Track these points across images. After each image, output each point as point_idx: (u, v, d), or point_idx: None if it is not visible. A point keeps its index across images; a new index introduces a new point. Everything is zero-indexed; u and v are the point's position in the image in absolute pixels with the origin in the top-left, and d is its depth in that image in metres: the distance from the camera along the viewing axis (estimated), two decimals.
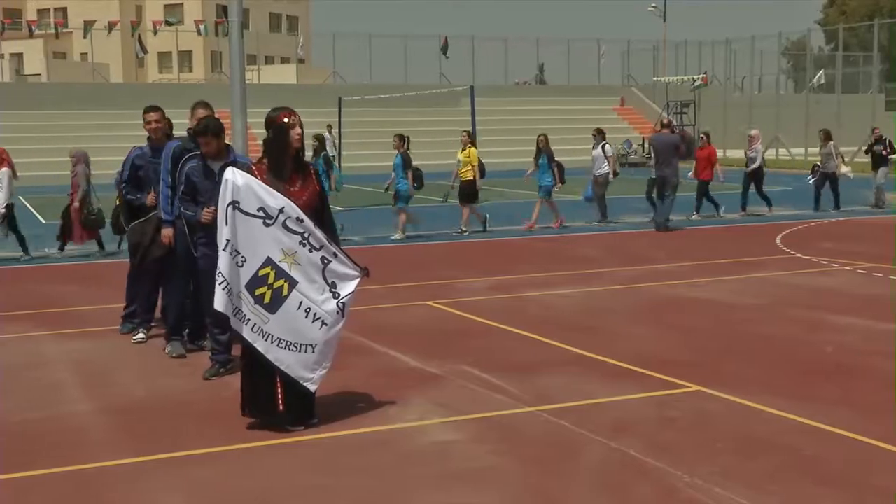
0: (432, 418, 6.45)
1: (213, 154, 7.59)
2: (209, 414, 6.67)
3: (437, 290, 11.48)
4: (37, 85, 49.50)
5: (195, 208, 7.53)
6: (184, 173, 7.66)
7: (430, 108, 42.39)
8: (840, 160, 21.19)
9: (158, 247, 8.46)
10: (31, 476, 5.50)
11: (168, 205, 8.21)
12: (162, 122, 8.80)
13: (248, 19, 55.01)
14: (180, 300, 8.37)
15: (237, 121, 11.96)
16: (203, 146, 7.64)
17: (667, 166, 18.02)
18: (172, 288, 8.46)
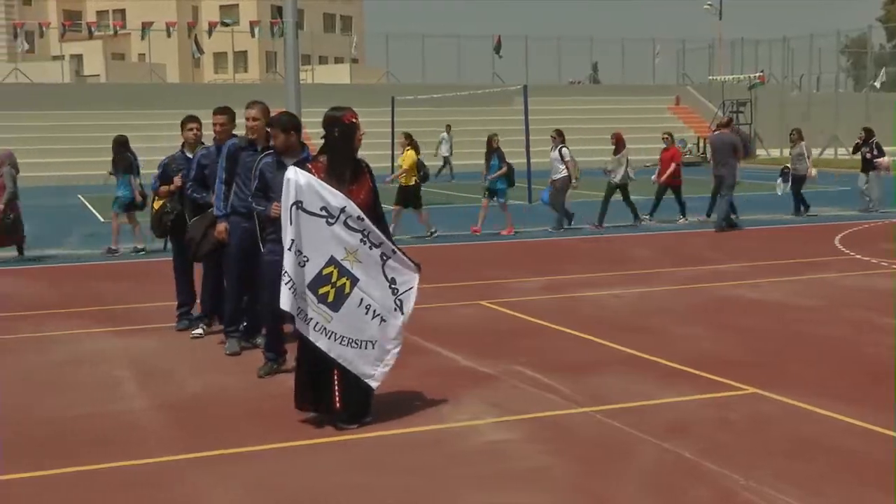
0: (485, 418, 6.44)
1: (280, 148, 7.61)
2: (262, 411, 6.72)
3: (488, 290, 11.47)
4: (96, 85, 50.33)
5: (266, 204, 7.56)
6: (257, 170, 7.72)
7: (483, 107, 42.36)
8: (811, 162, 20.15)
9: (208, 241, 8.54)
10: (89, 470, 5.59)
11: (222, 200, 8.28)
12: (228, 124, 8.82)
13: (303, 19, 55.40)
14: (238, 298, 8.41)
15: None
16: (273, 139, 7.69)
17: (723, 166, 17.85)
18: (229, 285, 8.53)
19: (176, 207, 9.26)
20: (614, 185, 18.19)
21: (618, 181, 18.17)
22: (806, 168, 19.95)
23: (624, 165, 18.18)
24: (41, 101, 40.13)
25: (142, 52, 56.86)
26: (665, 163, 19.05)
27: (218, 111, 8.87)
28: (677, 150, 19.31)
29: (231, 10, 66.34)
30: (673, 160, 18.94)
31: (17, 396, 7.21)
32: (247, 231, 8.02)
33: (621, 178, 18.15)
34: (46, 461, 5.72)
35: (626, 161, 18.21)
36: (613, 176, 18.24)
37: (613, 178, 18.22)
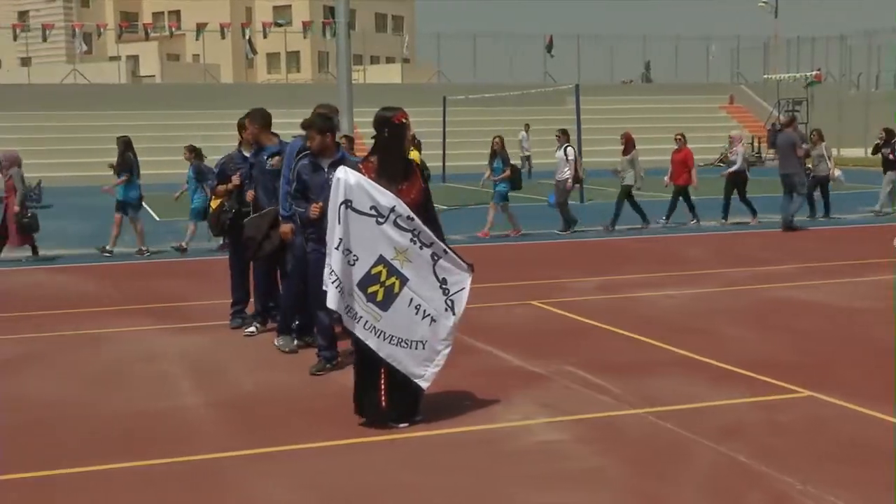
0: (536, 418, 6.42)
1: (316, 150, 7.67)
2: (314, 409, 6.77)
3: (540, 290, 11.44)
4: (151, 86, 51.03)
5: (305, 205, 7.65)
6: (295, 171, 7.79)
7: (535, 107, 42.22)
8: (833, 163, 19.61)
9: (270, 242, 8.59)
10: (146, 465, 5.67)
11: (286, 201, 8.33)
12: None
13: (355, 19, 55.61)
14: (294, 296, 8.46)
15: (344, 120, 12.13)
16: (308, 140, 7.74)
17: (789, 165, 17.69)
18: (287, 284, 8.57)
19: (233, 206, 9.34)
20: (627, 187, 17.88)
21: (628, 182, 17.82)
22: (827, 169, 19.54)
23: (635, 166, 17.87)
24: (98, 102, 40.77)
25: (196, 53, 57.49)
26: (676, 164, 18.62)
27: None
28: (689, 151, 18.80)
29: (284, 11, 66.82)
30: (685, 162, 18.49)
31: (76, 392, 7.34)
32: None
33: (630, 179, 17.82)
34: (104, 456, 5.82)
35: (636, 162, 17.92)
36: (622, 177, 17.93)
37: (623, 179, 17.90)
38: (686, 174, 18.42)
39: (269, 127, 9.01)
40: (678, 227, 17.91)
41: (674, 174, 18.67)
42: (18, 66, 56.17)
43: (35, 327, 9.77)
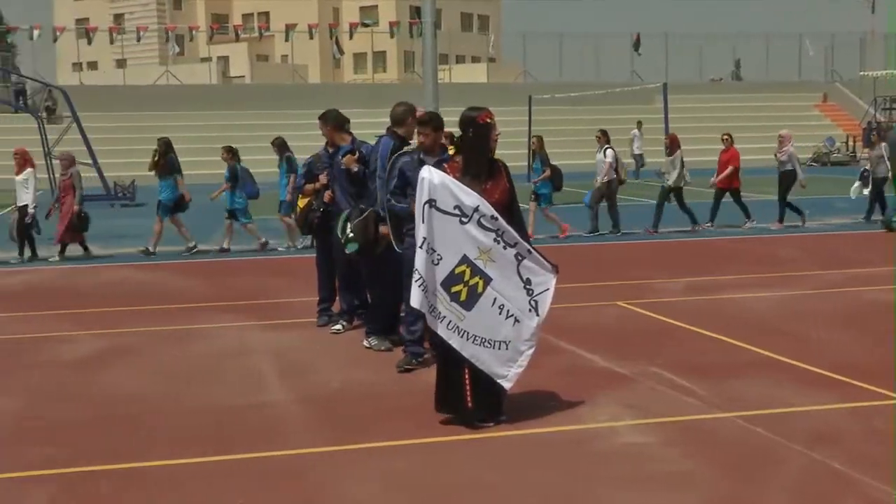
0: (623, 419, 6.36)
1: (428, 147, 7.70)
2: (401, 406, 6.80)
3: (627, 290, 11.32)
4: (241, 86, 51.92)
5: (406, 201, 7.66)
6: (396, 168, 7.82)
7: (621, 105, 41.86)
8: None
9: (379, 245, 8.50)
10: (234, 460, 5.77)
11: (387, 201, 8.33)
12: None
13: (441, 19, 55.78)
14: (389, 296, 8.45)
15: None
16: (421, 136, 7.76)
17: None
18: (383, 284, 8.54)
19: (321, 205, 9.42)
20: (668, 188, 17.42)
21: (672, 184, 17.37)
22: (886, 170, 18.58)
23: (678, 167, 17.39)
24: (190, 102, 41.67)
25: (284, 54, 58.34)
26: (723, 165, 18.07)
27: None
28: (737, 152, 18.20)
29: (371, 11, 67.39)
30: (731, 162, 17.92)
31: (165, 387, 7.50)
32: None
33: (675, 180, 17.36)
34: (195, 449, 5.94)
35: (680, 163, 17.44)
36: (667, 178, 17.51)
37: (667, 180, 17.48)
38: (734, 174, 17.89)
39: (342, 127, 9.08)
40: (766, 229, 17.55)
41: (720, 175, 18.11)
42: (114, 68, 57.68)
43: (125, 323, 10.02)
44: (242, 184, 15.62)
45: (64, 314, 10.53)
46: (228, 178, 15.67)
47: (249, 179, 15.81)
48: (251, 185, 15.80)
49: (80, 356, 8.56)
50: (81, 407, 6.94)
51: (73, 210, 14.80)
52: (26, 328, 9.83)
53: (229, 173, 15.68)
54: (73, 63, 57.31)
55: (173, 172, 15.39)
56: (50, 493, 5.27)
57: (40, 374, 7.94)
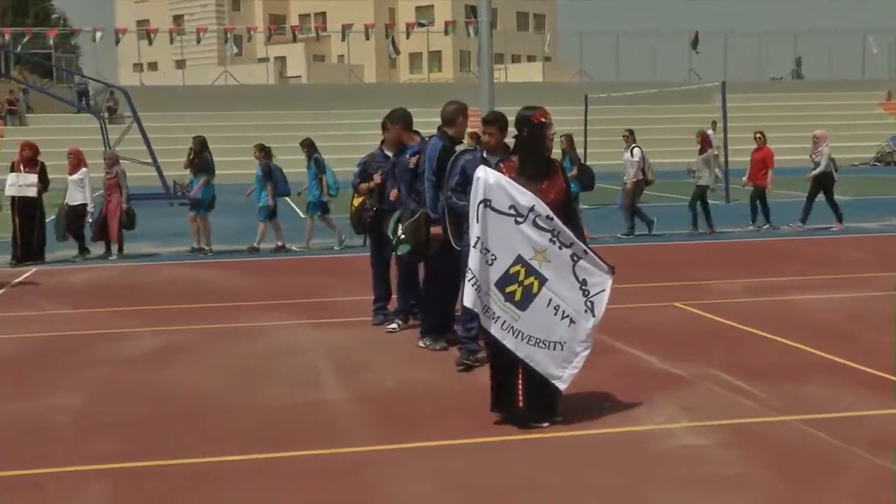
0: (679, 421, 6.29)
1: (492, 146, 7.69)
2: (456, 406, 6.79)
3: (685, 291, 11.20)
4: (298, 86, 52.35)
5: (466, 199, 7.64)
6: (458, 165, 7.81)
7: (679, 104, 41.48)
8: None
9: (431, 246, 8.48)
10: (290, 457, 5.81)
11: (435, 201, 8.31)
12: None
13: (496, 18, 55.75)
14: (443, 295, 8.42)
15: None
16: (486, 136, 7.75)
17: None
18: (437, 284, 8.52)
19: (374, 204, 9.45)
20: (703, 187, 17.12)
21: (704, 183, 17.05)
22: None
23: (710, 166, 17.10)
24: (247, 102, 42.09)
25: (341, 54, 58.71)
26: (756, 164, 17.69)
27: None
28: (770, 151, 17.75)
29: (426, 11, 67.55)
30: (764, 161, 17.53)
31: (222, 384, 7.57)
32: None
33: (707, 179, 17.05)
34: (250, 446, 5.98)
35: (711, 161, 17.14)
36: (699, 177, 17.16)
37: (699, 179, 17.13)
38: (765, 174, 17.51)
39: (411, 127, 9.06)
40: (826, 230, 17.25)
41: (752, 174, 17.77)
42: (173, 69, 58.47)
43: (181, 320, 10.13)
44: (274, 182, 15.63)
45: (122, 311, 10.68)
46: (262, 177, 15.71)
47: (282, 178, 15.83)
48: (283, 184, 15.82)
49: (139, 353, 8.67)
50: (139, 403, 7.03)
51: (122, 208, 15.01)
52: (87, 325, 9.99)
53: (262, 172, 15.73)
54: (134, 64, 58.21)
55: (206, 171, 15.51)
56: (107, 488, 5.34)
57: (100, 370, 8.06)
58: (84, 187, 14.93)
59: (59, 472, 5.59)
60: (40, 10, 66.41)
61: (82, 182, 14.94)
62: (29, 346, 9.04)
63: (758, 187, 17.68)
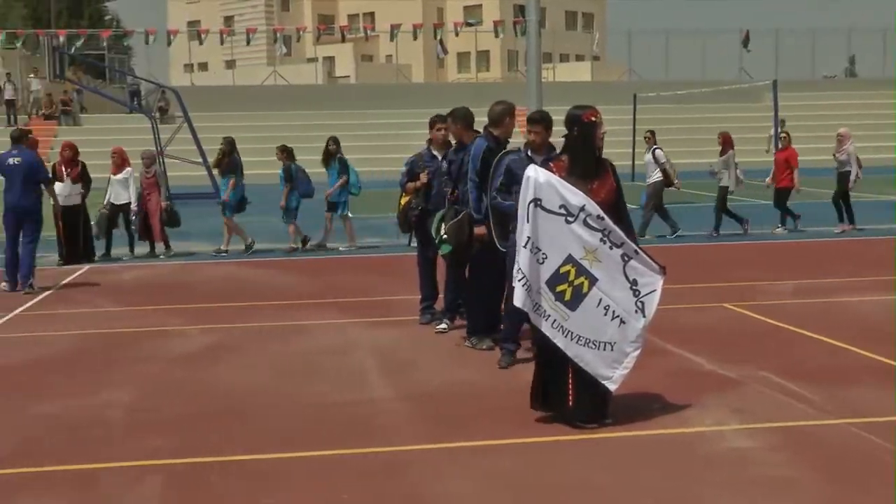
0: (729, 423, 6.23)
1: (538, 145, 7.68)
2: (502, 405, 6.78)
3: (735, 292, 11.09)
4: (346, 86, 52.60)
5: (511, 199, 7.64)
6: (502, 166, 7.80)
7: (729, 104, 41.06)
8: None
9: (473, 247, 8.47)
10: (337, 455, 5.84)
11: (478, 202, 8.29)
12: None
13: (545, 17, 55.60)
14: (489, 295, 8.40)
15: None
16: (532, 134, 7.72)
17: None
18: (482, 283, 8.49)
19: (420, 203, 9.46)
20: (724, 189, 16.82)
21: (724, 184, 16.73)
22: None
23: (731, 167, 16.74)
24: (296, 102, 42.36)
25: (389, 54, 58.91)
26: (780, 165, 17.28)
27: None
28: (794, 151, 17.32)
29: (474, 11, 67.53)
30: (789, 162, 17.10)
31: (270, 382, 7.62)
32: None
33: (727, 181, 16.71)
34: (298, 444, 6.03)
35: (733, 163, 16.79)
36: (720, 178, 16.86)
37: (720, 180, 16.84)
38: (789, 176, 17.11)
39: (471, 126, 9.02)
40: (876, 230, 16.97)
41: (777, 175, 17.38)
42: (223, 69, 59.08)
43: (230, 318, 10.22)
44: (296, 183, 15.62)
45: (172, 309, 10.81)
46: (284, 179, 15.70)
47: (304, 179, 15.79)
48: (305, 185, 15.76)
49: (188, 351, 8.77)
50: (189, 400, 7.11)
51: (162, 206, 15.18)
52: (138, 322, 10.12)
53: (284, 173, 15.71)
54: (185, 64, 58.88)
55: (235, 172, 15.58)
56: (159, 484, 5.40)
57: (150, 367, 8.16)
58: (129, 186, 15.08)
59: (112, 467, 5.67)
60: (94, 12, 67.42)
61: (127, 182, 15.10)
62: (81, 343, 9.18)
63: (780, 189, 17.29)
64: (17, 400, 7.19)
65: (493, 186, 7.91)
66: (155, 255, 15.32)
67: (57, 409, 6.92)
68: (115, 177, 15.19)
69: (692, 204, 20.91)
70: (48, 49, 33.03)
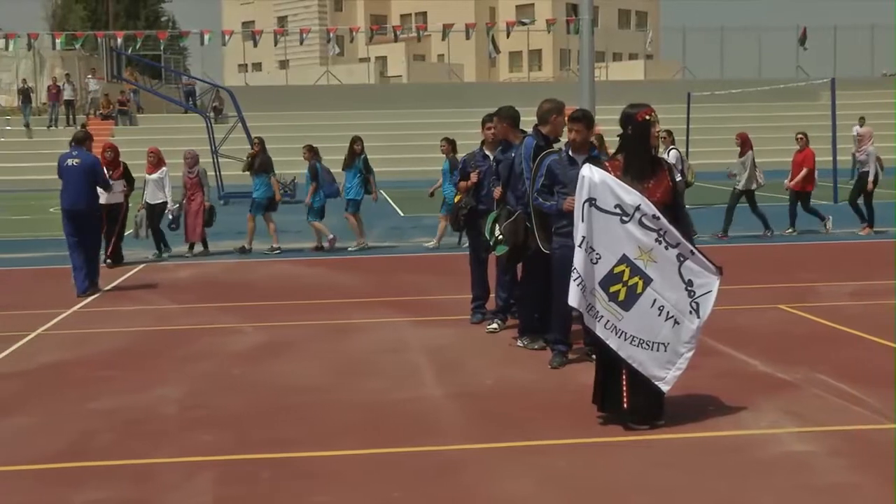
0: (784, 427, 6.15)
1: (579, 144, 7.64)
2: (554, 405, 6.76)
3: (790, 293, 10.93)
4: (398, 86, 52.71)
5: (553, 200, 7.61)
6: (543, 167, 7.78)
7: (786, 102, 40.50)
8: None
9: (528, 248, 8.43)
10: (390, 453, 5.86)
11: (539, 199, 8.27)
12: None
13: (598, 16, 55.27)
14: (541, 295, 8.34)
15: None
16: (573, 133, 7.69)
17: None
18: (535, 283, 8.45)
19: (470, 203, 9.44)
20: (739, 191, 16.43)
21: (742, 187, 16.35)
22: None
23: (749, 169, 16.34)
24: (348, 101, 42.56)
25: (441, 53, 58.93)
26: (797, 166, 16.81)
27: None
28: (812, 152, 16.86)
29: (527, 10, 67.31)
30: (805, 164, 16.64)
31: (324, 379, 7.67)
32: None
33: (745, 183, 16.33)
34: (352, 441, 6.05)
35: (751, 164, 16.37)
36: (738, 180, 16.48)
37: (738, 182, 16.46)
38: (807, 177, 16.70)
39: (517, 125, 9.00)
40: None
41: (794, 177, 16.89)
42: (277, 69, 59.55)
43: (283, 316, 10.30)
44: (321, 183, 15.60)
45: (227, 307, 10.91)
46: (310, 178, 15.68)
47: (329, 178, 15.76)
48: (330, 185, 15.73)
49: (241, 348, 8.85)
50: (242, 397, 7.17)
51: (206, 206, 15.29)
52: (193, 319, 10.24)
53: (309, 172, 15.71)
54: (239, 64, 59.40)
55: (267, 172, 15.66)
56: (212, 479, 5.46)
57: (204, 364, 8.25)
58: (164, 186, 15.18)
59: (167, 462, 5.74)
60: (151, 14, 68.26)
61: (162, 181, 15.21)
62: (137, 340, 9.31)
63: (800, 192, 16.85)
64: (75, 395, 7.31)
65: (534, 188, 7.88)
66: (191, 254, 15.45)
67: (113, 404, 7.03)
68: (150, 176, 15.32)
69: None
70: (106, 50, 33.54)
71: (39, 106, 41.47)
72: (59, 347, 9.02)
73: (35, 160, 34.88)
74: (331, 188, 15.83)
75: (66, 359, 8.57)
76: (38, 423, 6.62)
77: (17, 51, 43.20)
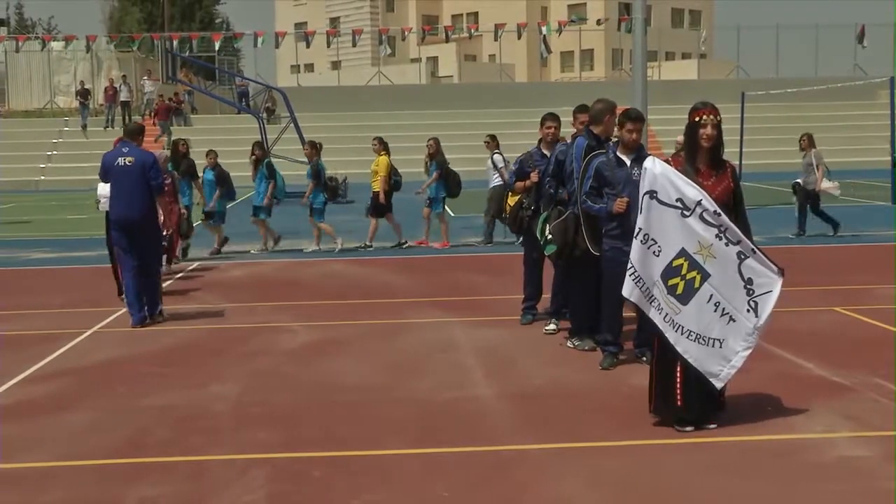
0: (840, 431, 6.06)
1: (633, 142, 7.60)
2: (606, 406, 6.73)
3: (847, 296, 10.77)
4: (449, 86, 52.78)
5: (602, 202, 7.58)
6: (591, 168, 7.75)
7: (843, 101, 39.93)
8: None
9: (578, 248, 8.41)
10: (440, 453, 5.88)
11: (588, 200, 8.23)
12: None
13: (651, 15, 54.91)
14: (592, 297, 8.28)
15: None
16: (633, 133, 7.63)
17: None
18: (585, 284, 8.40)
19: (531, 203, 9.36)
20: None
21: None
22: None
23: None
24: (400, 102, 42.74)
25: (492, 53, 58.94)
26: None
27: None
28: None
29: (579, 9, 67.06)
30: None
31: (378, 378, 7.71)
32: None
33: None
34: (403, 440, 6.08)
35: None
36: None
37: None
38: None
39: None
40: None
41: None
42: (329, 70, 59.93)
43: (336, 315, 10.36)
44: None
45: (280, 306, 11.01)
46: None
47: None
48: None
49: (294, 346, 8.92)
50: (295, 395, 7.23)
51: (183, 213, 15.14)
52: (245, 318, 10.34)
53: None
54: (292, 65, 59.98)
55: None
56: (265, 476, 5.51)
57: (260, 362, 8.33)
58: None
59: (221, 459, 5.81)
60: (205, 15, 69.06)
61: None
62: (190, 338, 9.42)
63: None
64: (130, 392, 7.43)
65: (582, 190, 7.84)
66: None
67: (167, 401, 7.13)
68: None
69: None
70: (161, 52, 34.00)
71: (97, 107, 42.13)
72: (114, 345, 9.17)
73: (92, 160, 35.23)
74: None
75: (120, 356, 8.70)
76: (95, 419, 6.73)
77: (76, 53, 43.99)
